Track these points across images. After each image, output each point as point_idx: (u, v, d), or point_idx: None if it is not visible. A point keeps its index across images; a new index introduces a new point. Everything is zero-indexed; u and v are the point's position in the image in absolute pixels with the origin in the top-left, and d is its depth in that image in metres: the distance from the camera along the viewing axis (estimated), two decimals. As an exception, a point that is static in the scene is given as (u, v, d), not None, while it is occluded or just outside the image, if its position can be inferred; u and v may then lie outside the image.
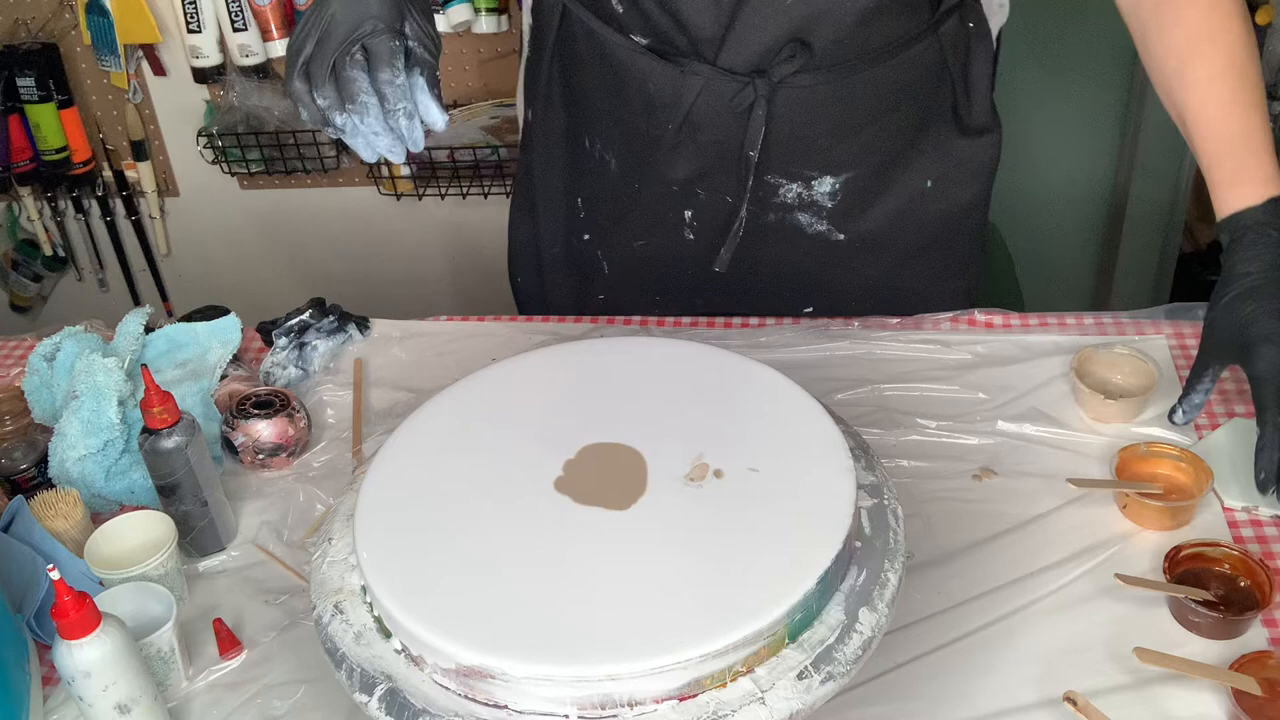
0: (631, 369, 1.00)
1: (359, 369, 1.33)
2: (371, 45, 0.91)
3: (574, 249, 1.38)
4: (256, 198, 2.52)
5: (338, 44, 0.91)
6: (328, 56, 0.91)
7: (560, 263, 1.40)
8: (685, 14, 1.13)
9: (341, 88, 0.91)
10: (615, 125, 1.25)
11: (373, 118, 0.92)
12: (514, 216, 1.44)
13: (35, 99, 2.32)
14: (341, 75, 0.91)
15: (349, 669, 0.81)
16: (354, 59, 0.91)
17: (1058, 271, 2.48)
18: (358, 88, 0.91)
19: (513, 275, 1.47)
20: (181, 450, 1.04)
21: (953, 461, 1.13)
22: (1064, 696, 0.88)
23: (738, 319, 1.34)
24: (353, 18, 0.92)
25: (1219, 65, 1.04)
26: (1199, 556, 0.98)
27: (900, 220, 1.28)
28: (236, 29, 2.20)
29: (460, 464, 0.91)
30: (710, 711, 0.75)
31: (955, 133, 1.26)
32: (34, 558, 1.02)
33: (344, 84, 0.91)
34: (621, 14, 1.17)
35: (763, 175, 1.21)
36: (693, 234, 1.28)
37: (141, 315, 1.30)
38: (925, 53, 1.19)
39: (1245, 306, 1.00)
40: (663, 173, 1.24)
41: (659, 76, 1.17)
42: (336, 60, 0.91)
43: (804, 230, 1.26)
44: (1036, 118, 2.31)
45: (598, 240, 1.35)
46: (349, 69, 0.91)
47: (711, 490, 0.86)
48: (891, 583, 0.82)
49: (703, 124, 1.18)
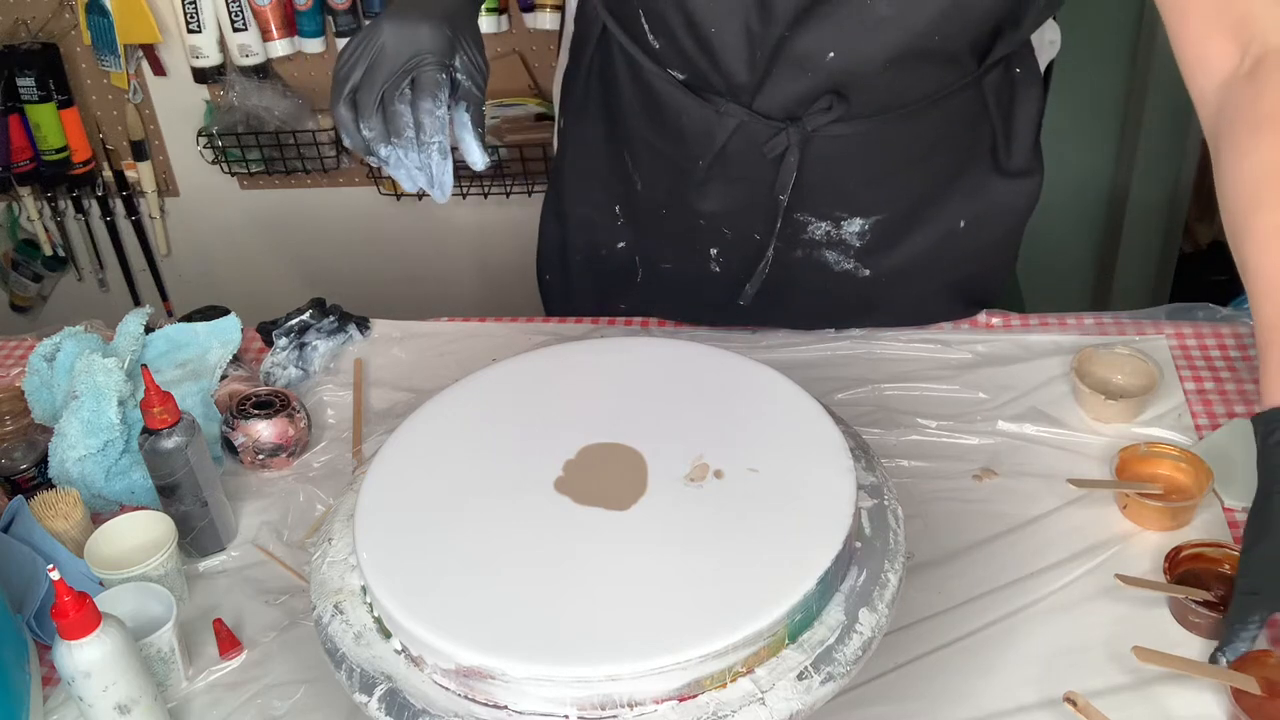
0: (631, 369, 1.00)
1: (359, 369, 1.33)
2: (419, 76, 0.91)
3: (606, 256, 1.36)
4: (256, 198, 2.52)
5: (387, 75, 0.90)
6: (376, 87, 0.91)
7: (588, 266, 1.39)
8: (721, 60, 1.09)
9: (389, 121, 0.91)
10: (647, 149, 1.22)
11: (415, 152, 0.92)
12: (545, 217, 1.42)
13: (35, 99, 2.31)
14: (389, 109, 0.91)
15: (349, 669, 0.81)
16: (402, 93, 0.91)
17: (1058, 271, 2.48)
18: (404, 122, 0.91)
19: (541, 273, 1.46)
20: (181, 450, 1.04)
21: (953, 461, 1.13)
22: (1064, 696, 0.88)
23: (737, 320, 1.34)
24: (404, 49, 0.91)
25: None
26: (1199, 557, 0.98)
27: (929, 258, 1.25)
28: (236, 29, 2.20)
29: (460, 464, 0.91)
30: (710, 712, 0.75)
31: (993, 174, 1.22)
32: (34, 558, 1.02)
33: (391, 118, 0.91)
34: (658, 50, 1.13)
35: (792, 214, 1.18)
36: (718, 267, 1.26)
37: (141, 315, 1.30)
38: (967, 103, 1.15)
39: None
40: (691, 204, 1.21)
41: (693, 112, 1.14)
42: (385, 92, 0.90)
43: (830, 267, 1.24)
44: (1036, 118, 2.30)
45: (633, 248, 1.34)
46: (396, 103, 0.91)
47: (711, 490, 0.86)
48: (891, 583, 0.82)
49: (734, 162, 1.15)
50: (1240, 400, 1.17)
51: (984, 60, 1.12)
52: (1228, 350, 1.24)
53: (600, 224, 1.34)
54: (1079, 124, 2.32)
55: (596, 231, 1.35)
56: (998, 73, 1.16)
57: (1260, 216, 0.92)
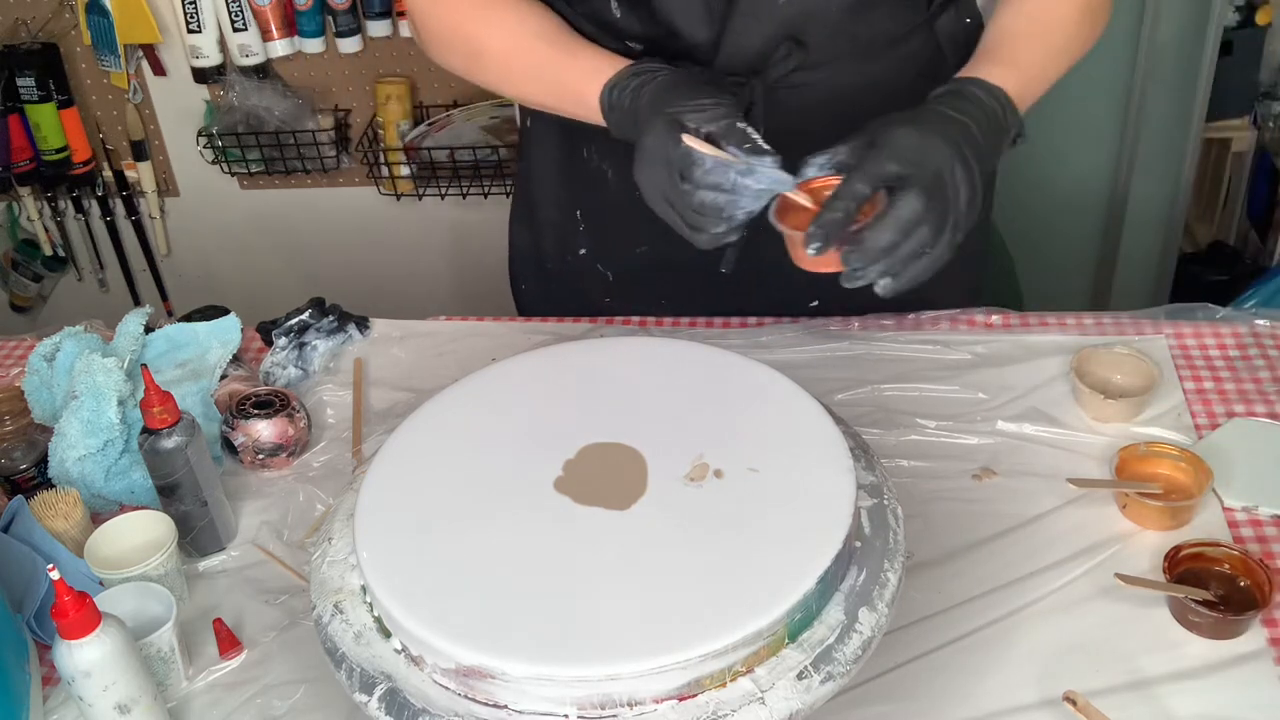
0: (631, 369, 1.00)
1: (359, 369, 1.33)
2: (678, 163, 0.97)
3: (572, 262, 1.37)
4: (256, 198, 2.52)
5: (671, 193, 0.98)
6: (675, 210, 0.99)
7: (562, 270, 1.39)
8: (678, 23, 1.12)
9: (705, 212, 0.97)
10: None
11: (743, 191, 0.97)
12: (514, 225, 1.43)
13: (35, 99, 2.32)
14: (693, 205, 0.97)
15: (349, 669, 0.81)
16: (683, 185, 0.97)
17: (1058, 271, 2.48)
18: (707, 201, 0.96)
19: (515, 283, 1.47)
20: (181, 450, 1.04)
21: (953, 461, 1.13)
22: (1064, 696, 0.88)
23: (736, 319, 1.34)
24: (654, 170, 0.99)
25: (1037, 22, 1.11)
26: (1199, 556, 0.98)
27: None
28: (236, 29, 2.20)
29: (460, 464, 0.91)
30: (710, 711, 0.75)
31: None
32: (34, 558, 1.02)
33: (700, 209, 0.97)
34: (619, 19, 1.16)
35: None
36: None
37: (141, 315, 1.30)
38: (922, 47, 1.19)
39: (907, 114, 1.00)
40: None
41: None
42: (679, 201, 0.97)
43: None
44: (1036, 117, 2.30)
45: (595, 253, 1.34)
46: (692, 196, 0.96)
47: (711, 490, 0.86)
48: (891, 583, 0.82)
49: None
50: (1240, 400, 1.17)
51: (932, 1, 1.18)
52: (1227, 350, 1.24)
53: (568, 227, 1.34)
54: (1079, 123, 2.32)
55: (566, 235, 1.35)
56: (949, 18, 1.20)
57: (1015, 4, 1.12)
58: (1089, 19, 1.13)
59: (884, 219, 0.91)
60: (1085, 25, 1.13)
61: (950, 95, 1.02)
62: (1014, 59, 1.07)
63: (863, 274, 0.93)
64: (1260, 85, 2.33)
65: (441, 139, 2.29)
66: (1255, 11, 2.25)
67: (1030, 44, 1.09)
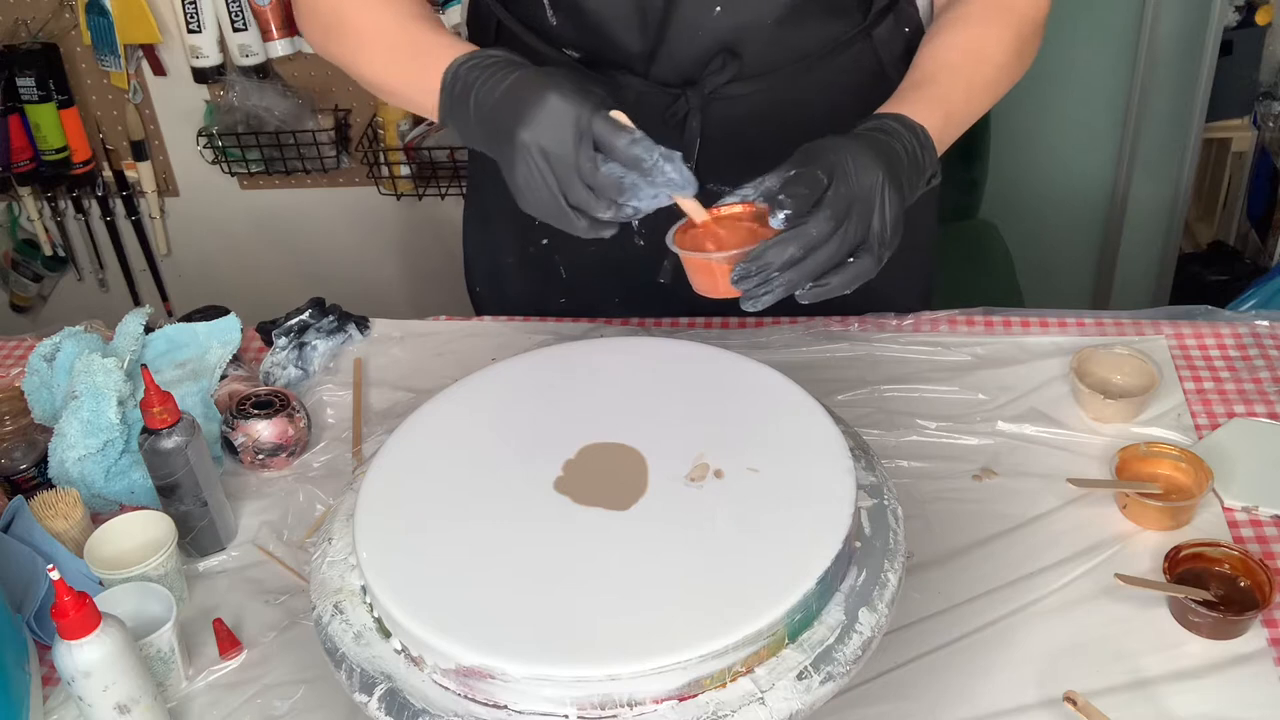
0: (631, 369, 1.00)
1: (359, 369, 1.33)
2: (593, 130, 0.88)
3: (531, 254, 1.35)
4: (256, 198, 2.52)
5: (570, 165, 0.88)
6: (575, 183, 0.89)
7: (517, 269, 1.38)
8: (613, 34, 1.12)
9: (604, 192, 0.89)
10: None
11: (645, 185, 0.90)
12: (468, 227, 1.42)
13: (35, 99, 2.32)
14: (595, 184, 0.89)
15: (349, 669, 0.81)
16: (591, 161, 0.88)
17: (1058, 271, 2.48)
18: (613, 180, 0.89)
19: (470, 285, 1.46)
20: (181, 450, 1.04)
21: (953, 462, 1.13)
22: (1064, 696, 0.88)
23: (735, 319, 1.34)
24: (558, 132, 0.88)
25: (972, 49, 1.08)
26: (1199, 556, 0.98)
27: None
28: (236, 29, 2.20)
29: (460, 464, 0.91)
30: (710, 712, 0.75)
31: None
32: (34, 558, 1.02)
33: (601, 189, 0.89)
34: (555, 26, 1.15)
35: (704, 184, 1.18)
36: (642, 240, 1.26)
37: (141, 315, 1.30)
38: (860, 56, 1.18)
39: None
40: None
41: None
42: (580, 176, 0.89)
43: None
44: (1036, 117, 2.31)
45: (555, 244, 1.33)
46: (595, 174, 0.89)
47: (711, 490, 0.86)
48: (891, 583, 0.82)
49: None
50: (1240, 400, 1.17)
51: (869, 10, 1.16)
52: (1227, 350, 1.24)
53: (521, 223, 1.33)
54: (1079, 124, 2.32)
55: (519, 230, 1.33)
56: (886, 27, 1.19)
57: (950, 28, 1.10)
58: (1021, 53, 1.11)
59: (786, 236, 0.88)
60: (1015, 59, 1.10)
61: (874, 130, 0.97)
62: (943, 95, 1.03)
63: (763, 295, 0.89)
64: (1260, 85, 2.33)
65: (441, 139, 2.29)
66: (1255, 11, 2.25)
67: (958, 79, 1.06)
